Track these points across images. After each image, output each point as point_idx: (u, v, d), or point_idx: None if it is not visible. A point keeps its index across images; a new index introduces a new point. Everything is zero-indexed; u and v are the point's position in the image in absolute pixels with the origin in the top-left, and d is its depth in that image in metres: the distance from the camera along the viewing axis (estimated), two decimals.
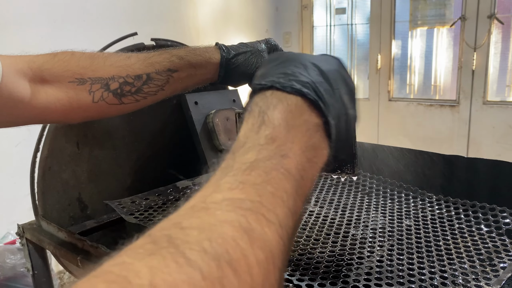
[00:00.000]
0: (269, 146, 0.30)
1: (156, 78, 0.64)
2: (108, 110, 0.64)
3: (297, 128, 0.33)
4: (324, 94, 0.35)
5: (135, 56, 0.65)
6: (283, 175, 0.29)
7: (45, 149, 0.80)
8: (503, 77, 2.90)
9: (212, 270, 0.21)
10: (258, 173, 0.28)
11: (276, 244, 0.25)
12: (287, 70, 0.36)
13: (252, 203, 0.26)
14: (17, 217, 1.13)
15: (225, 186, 0.27)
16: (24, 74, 0.57)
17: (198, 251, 0.21)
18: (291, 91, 0.34)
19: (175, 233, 0.23)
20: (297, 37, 3.66)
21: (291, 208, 0.28)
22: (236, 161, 0.30)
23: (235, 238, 0.23)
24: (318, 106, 0.34)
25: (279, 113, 0.33)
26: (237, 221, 0.24)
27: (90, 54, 0.63)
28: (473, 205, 0.78)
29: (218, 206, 0.25)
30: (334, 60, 0.40)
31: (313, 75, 0.35)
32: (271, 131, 0.31)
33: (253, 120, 0.33)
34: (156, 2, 2.57)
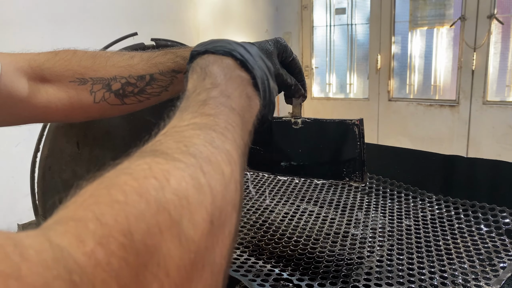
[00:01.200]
0: (214, 90, 0.37)
1: (160, 79, 0.63)
2: (110, 110, 0.63)
3: (234, 79, 0.40)
4: (248, 59, 0.43)
5: (139, 56, 0.64)
6: (229, 109, 0.36)
7: (45, 149, 0.80)
8: (503, 77, 2.90)
9: (192, 161, 0.27)
10: (211, 107, 0.35)
11: (234, 153, 0.32)
12: (216, 44, 0.44)
13: (212, 126, 0.33)
14: (17, 217, 1.13)
15: (188, 116, 0.34)
16: (24, 72, 0.57)
17: (179, 152, 0.28)
18: (222, 53, 0.42)
19: (156, 146, 0.29)
20: (297, 37, 3.66)
21: (240, 134, 0.35)
22: (191, 101, 0.36)
23: (204, 144, 0.30)
24: (246, 66, 0.42)
25: (217, 68, 0.40)
26: (202, 136, 0.31)
27: (92, 53, 0.62)
28: (473, 205, 0.79)
29: (187, 127, 0.32)
30: (254, 46, 0.49)
31: (238, 48, 0.44)
32: (214, 80, 0.39)
33: (197, 75, 0.40)
34: (156, 2, 2.57)
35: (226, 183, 0.28)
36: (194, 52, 0.44)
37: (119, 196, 0.22)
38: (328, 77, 3.68)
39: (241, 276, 0.58)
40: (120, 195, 0.22)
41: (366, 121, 3.51)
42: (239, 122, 0.36)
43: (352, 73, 3.55)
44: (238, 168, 0.31)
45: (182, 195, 0.24)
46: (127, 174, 0.25)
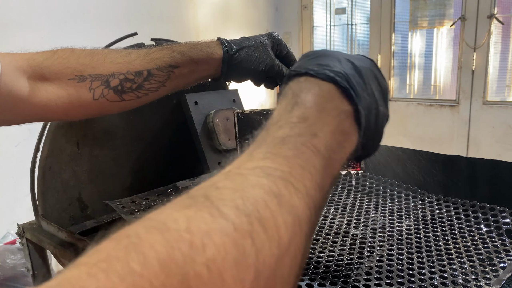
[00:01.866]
0: (300, 125, 0.32)
1: (157, 74, 0.64)
2: (109, 107, 0.63)
3: (328, 112, 0.34)
4: (356, 85, 0.36)
5: (136, 52, 0.64)
6: (313, 152, 0.31)
7: (45, 149, 0.80)
8: (503, 77, 2.90)
9: (243, 223, 0.23)
10: (289, 147, 0.30)
11: (303, 211, 0.27)
12: (321, 62, 0.37)
13: (282, 172, 0.28)
14: (17, 217, 1.13)
15: (258, 156, 0.29)
16: (23, 71, 0.57)
17: (231, 207, 0.23)
18: (324, 77, 0.35)
19: (210, 192, 0.25)
20: (297, 37, 3.66)
21: (318, 183, 0.30)
22: (269, 135, 0.31)
23: (265, 200, 0.25)
24: (350, 95, 0.35)
25: (312, 96, 0.34)
26: (267, 186, 0.26)
27: (90, 51, 0.63)
28: (473, 205, 0.79)
29: (251, 172, 0.27)
30: (369, 60, 0.41)
31: (346, 68, 0.37)
32: (303, 111, 0.33)
33: (286, 101, 0.34)
34: (156, 2, 2.57)
35: (281, 254, 0.24)
36: (292, 72, 0.37)
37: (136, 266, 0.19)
38: None
39: None
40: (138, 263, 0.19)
41: None
42: (320, 168, 0.30)
43: None
44: (304, 231, 0.26)
45: (216, 269, 0.20)
46: (158, 232, 0.21)
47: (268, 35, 0.69)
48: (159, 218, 0.22)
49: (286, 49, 0.69)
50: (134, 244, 0.20)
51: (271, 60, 0.66)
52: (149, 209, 0.77)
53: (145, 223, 0.22)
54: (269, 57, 0.66)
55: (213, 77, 0.70)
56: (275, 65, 0.66)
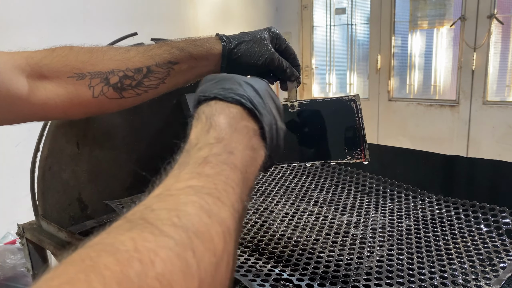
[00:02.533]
0: (218, 145, 0.36)
1: (157, 70, 0.63)
2: (109, 105, 0.63)
3: (239, 131, 0.38)
4: (258, 105, 0.41)
5: (135, 49, 0.64)
6: (231, 168, 0.34)
7: (45, 149, 0.80)
8: (503, 77, 2.90)
9: (183, 238, 0.25)
10: (211, 166, 0.33)
11: (231, 222, 0.30)
12: (225, 86, 0.42)
13: (209, 189, 0.31)
14: (17, 217, 1.13)
15: (185, 177, 0.32)
16: (22, 70, 0.57)
17: (169, 225, 0.26)
18: (231, 100, 0.40)
19: (147, 214, 0.27)
20: (297, 37, 3.66)
21: (240, 195, 0.33)
22: (191, 157, 0.35)
23: (198, 215, 0.28)
24: (254, 114, 0.40)
25: (224, 118, 0.38)
26: (198, 203, 0.29)
27: (88, 48, 0.62)
28: (473, 205, 0.79)
29: (181, 192, 0.30)
30: (263, 81, 0.46)
31: (248, 90, 0.42)
32: (218, 133, 0.37)
33: (201, 125, 0.38)
34: (156, 2, 2.57)
35: (217, 261, 0.27)
36: (201, 97, 0.41)
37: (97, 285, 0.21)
38: (328, 77, 3.68)
39: (241, 276, 0.58)
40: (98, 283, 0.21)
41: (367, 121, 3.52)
42: (239, 182, 0.34)
43: (352, 73, 3.55)
44: (233, 239, 0.30)
45: (166, 281, 0.23)
46: (110, 254, 0.23)
47: (267, 30, 0.69)
48: (106, 242, 0.24)
49: (285, 43, 0.69)
50: (91, 266, 0.22)
51: (271, 54, 0.66)
52: None
53: (94, 247, 0.23)
54: (268, 50, 0.66)
55: (213, 73, 0.70)
56: (275, 59, 0.66)
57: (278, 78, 0.69)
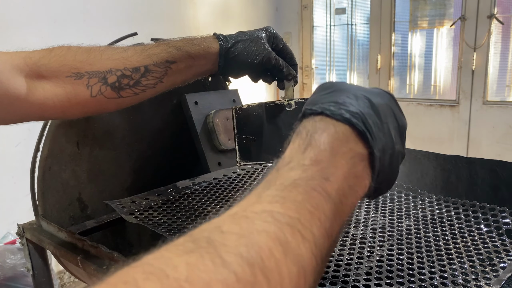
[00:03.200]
0: (312, 167, 0.31)
1: (154, 70, 0.63)
2: (107, 105, 0.63)
3: (342, 155, 0.33)
4: (372, 126, 0.35)
5: (132, 49, 0.64)
6: (323, 197, 0.30)
7: (45, 149, 0.80)
8: (503, 77, 2.90)
9: (246, 274, 0.22)
10: (299, 191, 0.29)
11: (309, 261, 0.26)
12: (338, 99, 0.36)
13: (290, 218, 0.26)
14: (17, 217, 1.13)
15: (267, 198, 0.28)
16: (20, 70, 0.57)
17: (235, 255, 0.22)
18: (340, 119, 0.34)
19: (214, 236, 0.24)
20: (297, 37, 3.66)
21: (327, 230, 0.29)
22: (279, 177, 0.30)
23: (271, 248, 0.24)
24: (365, 137, 0.34)
25: (326, 138, 0.33)
26: (274, 233, 0.25)
27: (86, 48, 0.62)
28: (473, 205, 0.78)
29: (258, 216, 0.26)
30: (387, 95, 0.40)
31: (363, 106, 0.35)
32: (316, 154, 0.32)
33: (300, 141, 0.34)
34: (156, 2, 2.57)
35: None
36: (308, 110, 0.36)
37: None
38: (328, 77, 3.68)
39: None
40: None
41: None
42: (330, 214, 0.29)
43: (352, 73, 3.55)
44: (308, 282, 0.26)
45: None
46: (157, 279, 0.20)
47: (264, 29, 0.70)
48: (158, 264, 0.21)
49: (282, 43, 0.70)
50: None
51: (267, 52, 0.66)
52: (150, 209, 0.77)
53: (144, 268, 0.21)
54: (265, 49, 0.66)
55: (211, 73, 0.70)
56: (272, 57, 0.66)
57: (275, 77, 0.70)
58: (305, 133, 0.34)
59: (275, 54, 0.67)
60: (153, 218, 0.73)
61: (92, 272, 0.66)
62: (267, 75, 0.70)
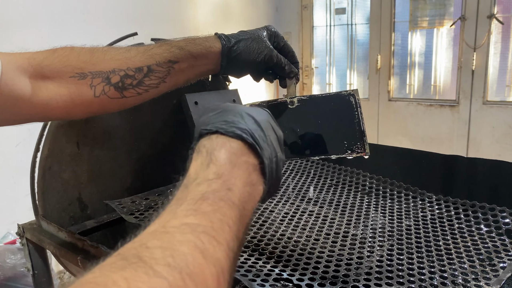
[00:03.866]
0: (217, 181, 0.36)
1: (157, 70, 0.64)
2: (110, 105, 0.63)
3: (239, 167, 0.38)
4: (259, 139, 0.41)
5: (135, 49, 0.64)
6: (229, 206, 0.34)
7: (45, 149, 0.80)
8: (503, 77, 2.90)
9: (177, 280, 0.25)
10: (208, 203, 0.33)
11: (225, 262, 0.30)
12: (227, 118, 0.41)
13: (205, 227, 0.30)
14: (17, 217, 1.13)
15: (181, 213, 0.32)
16: (24, 71, 0.57)
17: (164, 265, 0.25)
18: (233, 135, 0.40)
19: (141, 252, 0.27)
20: (297, 37, 3.65)
21: (236, 233, 0.33)
22: (189, 193, 0.34)
23: (193, 255, 0.27)
24: (255, 149, 0.40)
25: (224, 154, 0.38)
26: (193, 242, 0.28)
27: (89, 48, 0.63)
28: (473, 205, 0.79)
29: (177, 230, 0.30)
30: (265, 112, 0.46)
31: (249, 123, 0.41)
32: (218, 168, 0.37)
33: (202, 159, 0.38)
34: (156, 2, 2.57)
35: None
36: (203, 130, 0.41)
37: None
38: (328, 77, 3.68)
39: (241, 276, 0.58)
40: None
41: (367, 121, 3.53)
42: (236, 219, 0.34)
43: (352, 73, 3.55)
44: (227, 279, 0.30)
45: None
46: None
47: (265, 28, 0.70)
48: (99, 281, 0.23)
49: (283, 41, 0.70)
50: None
51: (269, 50, 0.66)
52: (150, 209, 0.77)
53: (86, 286, 0.23)
54: (267, 47, 0.67)
55: (213, 72, 0.70)
56: (274, 55, 0.66)
57: (277, 75, 0.70)
58: (205, 151, 0.38)
59: (277, 52, 0.68)
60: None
61: None
62: (269, 74, 0.70)
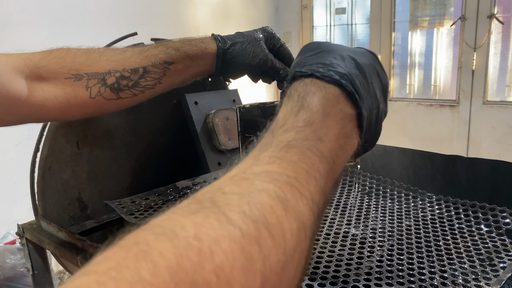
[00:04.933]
0: (306, 129, 0.32)
1: (153, 71, 0.64)
2: (106, 106, 0.63)
3: (333, 116, 0.34)
4: (359, 86, 0.36)
5: (131, 50, 0.64)
6: (317, 157, 0.31)
7: (45, 149, 0.80)
8: (503, 77, 2.90)
9: (251, 230, 0.23)
10: (295, 151, 0.30)
11: (308, 216, 0.27)
12: (325, 60, 0.37)
13: (288, 177, 0.28)
14: (17, 217, 1.13)
15: (264, 160, 0.29)
16: (20, 71, 0.57)
17: (238, 213, 0.23)
18: (330, 80, 0.35)
19: (217, 196, 0.25)
20: (297, 37, 3.65)
21: (322, 187, 0.30)
22: (275, 139, 0.31)
23: (272, 205, 0.25)
24: (354, 98, 0.35)
25: (317, 100, 0.34)
26: (273, 191, 0.26)
27: (85, 49, 0.63)
28: (473, 205, 0.78)
29: (257, 177, 0.27)
30: (370, 55, 0.41)
31: (350, 67, 0.37)
32: (309, 116, 0.33)
33: (292, 104, 0.34)
34: (156, 2, 2.57)
35: (287, 260, 0.24)
36: (297, 72, 0.37)
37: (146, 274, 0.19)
38: None
39: None
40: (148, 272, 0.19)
41: None
42: (324, 172, 0.31)
43: None
44: (308, 236, 0.27)
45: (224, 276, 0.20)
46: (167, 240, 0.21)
47: (262, 30, 0.70)
48: (167, 225, 0.22)
49: (279, 43, 0.70)
50: (143, 252, 0.20)
51: (264, 55, 0.66)
52: (150, 209, 0.77)
53: (153, 229, 0.22)
54: (263, 51, 0.67)
55: (209, 73, 0.70)
56: (269, 60, 0.66)
57: (274, 78, 0.70)
58: (296, 96, 0.35)
59: (272, 57, 0.68)
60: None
61: None
62: (266, 75, 0.70)
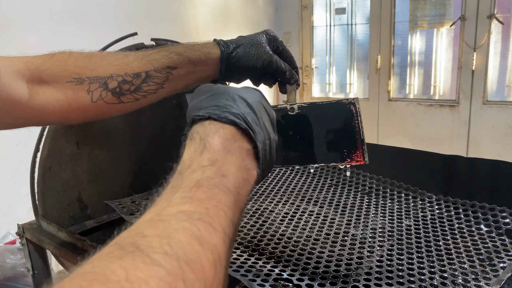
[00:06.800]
0: (211, 168, 0.36)
1: (155, 76, 0.63)
2: (108, 110, 0.63)
3: (233, 153, 0.38)
4: (252, 123, 0.41)
5: (133, 54, 0.64)
6: (224, 192, 0.34)
7: (45, 149, 0.80)
8: (502, 77, 2.90)
9: (174, 267, 0.25)
10: (203, 190, 0.33)
11: (221, 247, 0.30)
12: (219, 103, 0.41)
13: (201, 214, 0.31)
14: (17, 217, 1.13)
15: (177, 201, 0.32)
16: (22, 75, 0.57)
17: (161, 253, 0.26)
18: (226, 121, 0.40)
19: (138, 240, 0.27)
20: (297, 37, 3.66)
21: (231, 219, 0.33)
22: (184, 180, 0.34)
23: (190, 242, 0.28)
24: (249, 134, 0.40)
25: (218, 140, 0.38)
26: (189, 229, 0.29)
27: (87, 53, 0.62)
28: (473, 205, 0.79)
29: (173, 217, 0.30)
30: (257, 93, 0.46)
31: (241, 107, 0.41)
32: (212, 155, 0.37)
33: (195, 146, 0.38)
34: (156, 2, 2.57)
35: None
36: (196, 116, 0.41)
37: None
38: (328, 77, 3.68)
39: (241, 276, 0.58)
40: None
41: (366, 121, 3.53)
42: (231, 205, 0.34)
43: (352, 73, 3.55)
44: (223, 265, 0.30)
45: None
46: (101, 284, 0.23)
47: (264, 33, 0.70)
48: (97, 271, 0.24)
49: (282, 46, 0.70)
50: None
51: (268, 56, 0.66)
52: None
53: (85, 276, 0.23)
54: (266, 53, 0.66)
55: (212, 78, 0.70)
56: (273, 61, 0.66)
57: (276, 80, 0.69)
58: (198, 138, 0.39)
59: (277, 57, 0.67)
60: None
61: None
62: (268, 78, 0.70)
